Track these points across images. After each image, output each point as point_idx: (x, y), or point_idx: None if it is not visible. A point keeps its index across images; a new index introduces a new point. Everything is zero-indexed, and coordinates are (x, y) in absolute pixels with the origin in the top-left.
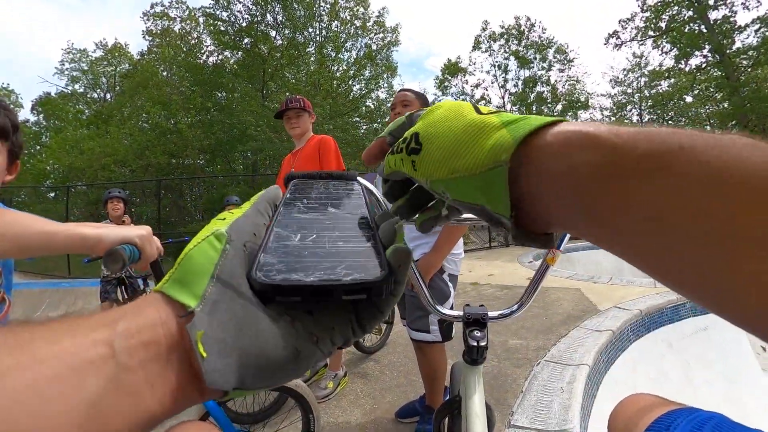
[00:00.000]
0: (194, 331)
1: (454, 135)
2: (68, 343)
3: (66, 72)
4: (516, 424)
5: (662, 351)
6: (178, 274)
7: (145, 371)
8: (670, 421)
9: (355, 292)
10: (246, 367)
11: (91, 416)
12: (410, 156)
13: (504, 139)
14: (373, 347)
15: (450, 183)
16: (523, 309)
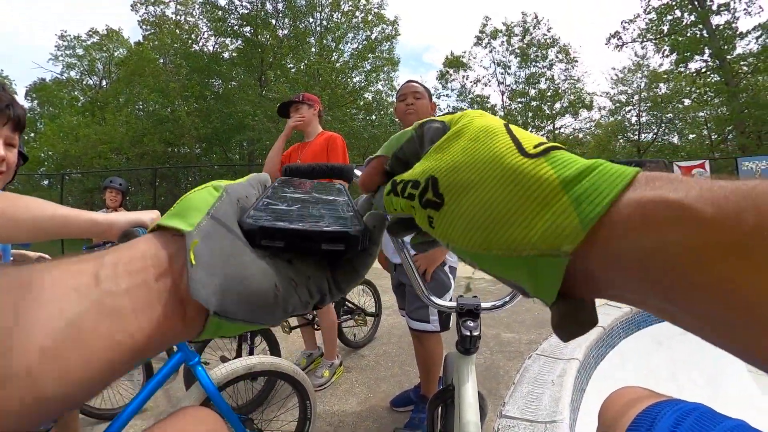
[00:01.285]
0: (190, 239)
1: (491, 194)
2: (55, 272)
3: (61, 58)
4: (507, 415)
5: (651, 349)
6: (175, 210)
7: (130, 297)
8: (656, 411)
9: (333, 241)
10: (229, 292)
11: (72, 336)
12: (426, 209)
13: (567, 220)
14: (362, 341)
15: (481, 258)
16: (515, 300)
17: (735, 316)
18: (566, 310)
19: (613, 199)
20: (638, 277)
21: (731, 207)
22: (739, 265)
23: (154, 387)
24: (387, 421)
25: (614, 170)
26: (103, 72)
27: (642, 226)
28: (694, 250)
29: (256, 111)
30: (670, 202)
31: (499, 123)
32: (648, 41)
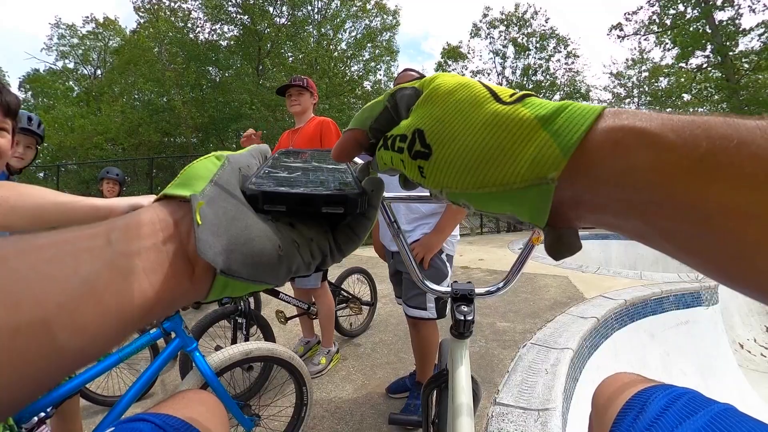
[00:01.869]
0: (195, 201)
1: (476, 138)
2: (67, 235)
3: (54, 48)
4: (501, 402)
5: (644, 341)
6: (179, 180)
7: (141, 258)
8: (648, 395)
9: (333, 204)
10: (234, 252)
11: (86, 292)
12: (415, 161)
13: (549, 151)
14: (357, 330)
15: (474, 197)
16: (508, 287)
17: (695, 229)
18: (557, 236)
19: (586, 129)
20: (616, 198)
21: (688, 134)
22: (695, 182)
23: (153, 373)
24: (383, 407)
25: (584, 107)
26: (98, 61)
27: (614, 152)
28: (658, 170)
29: (253, 100)
30: (637, 130)
31: (472, 80)
32: (650, 34)
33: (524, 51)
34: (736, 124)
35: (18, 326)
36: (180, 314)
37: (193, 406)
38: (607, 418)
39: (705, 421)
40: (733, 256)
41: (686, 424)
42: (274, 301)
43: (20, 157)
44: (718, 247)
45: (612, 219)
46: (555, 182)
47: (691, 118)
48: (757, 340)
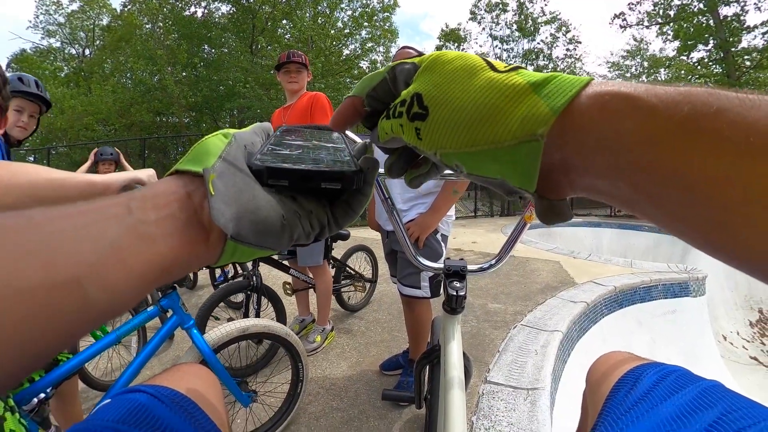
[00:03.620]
0: (208, 174)
1: (471, 99)
2: (92, 205)
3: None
4: (492, 381)
5: (631, 327)
6: (189, 156)
7: (159, 226)
8: (640, 372)
9: (331, 180)
10: (243, 219)
11: (112, 254)
12: (413, 122)
13: (539, 109)
14: (357, 305)
15: (467, 157)
16: (500, 263)
17: (680, 195)
18: (549, 205)
19: (575, 94)
20: (604, 163)
21: (670, 99)
22: (678, 146)
23: (150, 352)
24: (377, 383)
25: (573, 77)
26: (87, 40)
27: (600, 114)
28: (642, 133)
29: (247, 78)
30: (623, 95)
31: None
32: (653, 24)
33: (525, 35)
34: (717, 93)
35: (54, 283)
36: (177, 292)
37: (188, 379)
38: (600, 394)
39: (693, 395)
40: (715, 223)
41: (675, 398)
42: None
43: (23, 127)
44: (701, 213)
45: (601, 185)
46: (544, 139)
47: (674, 87)
48: (740, 333)
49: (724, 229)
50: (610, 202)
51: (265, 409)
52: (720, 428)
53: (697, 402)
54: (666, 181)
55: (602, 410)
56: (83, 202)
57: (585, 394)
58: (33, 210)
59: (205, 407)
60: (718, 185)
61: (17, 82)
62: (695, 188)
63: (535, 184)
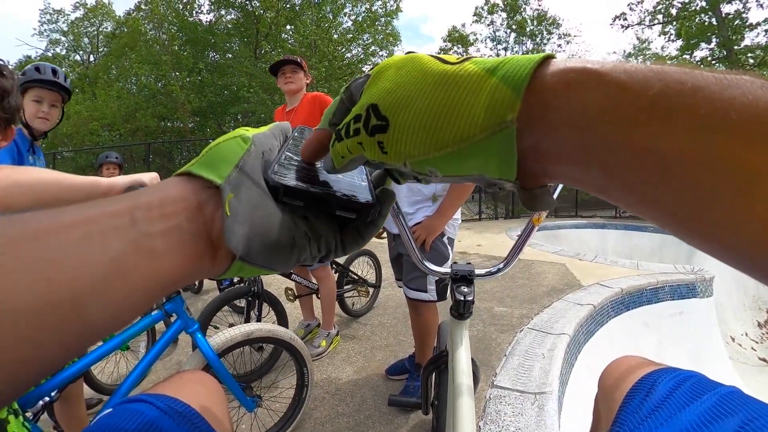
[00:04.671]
0: (225, 192)
1: (429, 97)
2: (93, 213)
3: (45, 34)
4: (499, 385)
5: (638, 329)
6: (205, 159)
7: (164, 239)
8: (655, 377)
9: (347, 209)
10: (253, 240)
11: (114, 271)
12: (373, 137)
13: (501, 93)
14: (361, 310)
15: (439, 160)
16: (508, 267)
17: (653, 177)
18: (531, 195)
19: (533, 69)
20: (574, 145)
21: (641, 76)
22: (649, 124)
23: (154, 356)
24: (382, 388)
25: (529, 56)
26: (91, 47)
27: (566, 92)
28: (610, 111)
29: (251, 82)
30: (589, 71)
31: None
32: (655, 24)
33: (524, 36)
34: (692, 71)
35: (50, 302)
36: (181, 296)
37: (191, 387)
38: (614, 400)
39: (711, 404)
40: (692, 207)
41: (694, 406)
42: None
43: (45, 118)
44: (676, 196)
45: (574, 171)
46: (514, 123)
47: (645, 65)
48: (748, 334)
49: (700, 212)
50: (586, 190)
51: (270, 414)
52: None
53: (717, 410)
54: (637, 162)
55: (617, 417)
56: (86, 205)
57: (597, 399)
58: (31, 216)
59: (208, 417)
60: (692, 165)
61: (33, 71)
62: (668, 169)
63: (515, 173)
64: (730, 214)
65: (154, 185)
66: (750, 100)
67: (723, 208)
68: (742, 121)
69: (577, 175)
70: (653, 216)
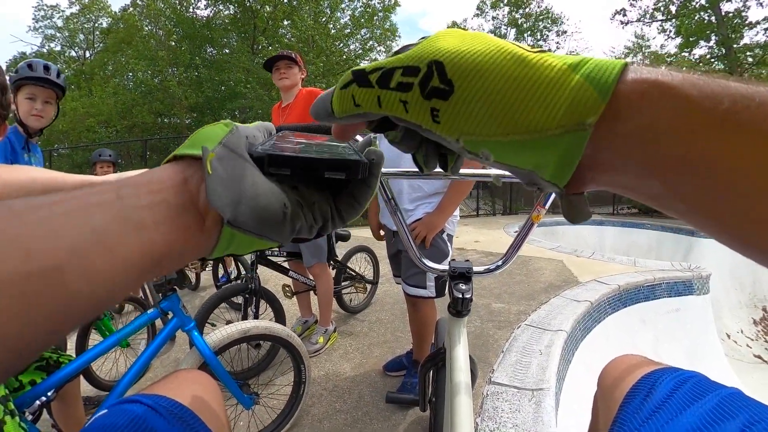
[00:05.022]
0: (207, 152)
1: (508, 77)
2: (79, 192)
3: (40, 30)
4: (496, 381)
5: (635, 326)
6: (188, 142)
7: (151, 211)
8: (656, 377)
9: (335, 169)
10: (241, 204)
11: (96, 242)
12: (429, 100)
13: (587, 94)
14: (358, 307)
15: (499, 145)
16: (507, 264)
17: (715, 190)
18: (569, 203)
19: (618, 74)
20: (636, 156)
21: (709, 91)
22: (718, 140)
23: (150, 354)
24: (380, 385)
25: (608, 60)
26: (86, 43)
27: (640, 103)
28: (682, 126)
29: (248, 78)
30: (661, 83)
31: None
32: (654, 21)
33: (523, 32)
34: (755, 85)
35: (29, 272)
36: (177, 294)
37: (187, 386)
38: (614, 400)
39: (712, 405)
40: (754, 220)
41: (694, 408)
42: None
43: (39, 115)
44: (739, 209)
45: (627, 180)
46: (591, 128)
47: (710, 77)
48: (744, 332)
49: (762, 224)
50: (632, 197)
51: (268, 412)
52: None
53: (718, 412)
54: (702, 176)
55: (617, 417)
56: (71, 190)
57: (596, 397)
58: (15, 200)
59: (204, 416)
60: (758, 180)
61: (26, 68)
62: (734, 184)
63: (569, 177)
64: None
65: (142, 171)
66: None
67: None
68: None
69: (632, 184)
70: (709, 227)
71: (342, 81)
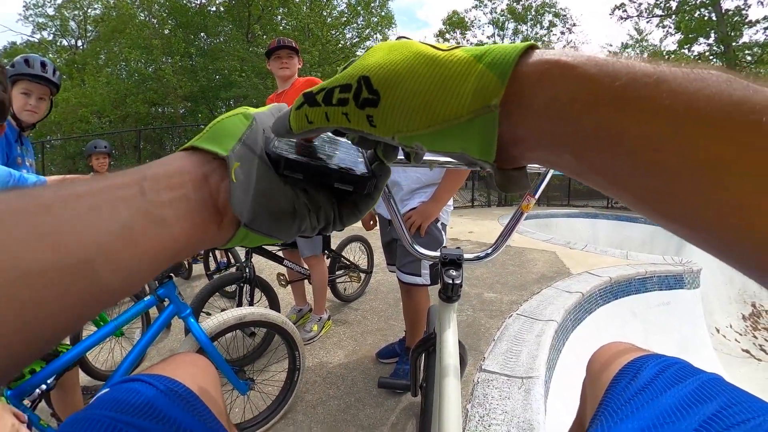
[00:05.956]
0: (231, 162)
1: (422, 78)
2: (102, 184)
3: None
4: (487, 369)
5: (626, 318)
6: (209, 134)
7: (172, 207)
8: (641, 362)
9: (345, 182)
10: (258, 207)
11: (123, 237)
12: (363, 110)
13: (488, 80)
14: (352, 295)
15: (426, 137)
16: (496, 253)
17: (621, 162)
18: (507, 176)
19: (517, 57)
20: (546, 132)
21: (610, 68)
22: (616, 113)
23: (148, 341)
24: (373, 372)
25: (513, 45)
26: (78, 32)
27: (540, 82)
28: (579, 100)
29: (243, 67)
30: (562, 63)
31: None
32: (654, 17)
33: (522, 22)
34: (660, 65)
35: (63, 265)
36: (173, 281)
37: (186, 368)
38: (601, 383)
39: (693, 388)
40: (659, 190)
41: (675, 390)
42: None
43: (33, 111)
44: (644, 180)
45: (548, 155)
46: (497, 108)
47: (616, 58)
48: (732, 326)
49: (667, 195)
50: (564, 173)
51: (263, 398)
52: (719, 421)
53: (697, 394)
54: (607, 149)
55: (603, 400)
56: (94, 179)
57: (584, 383)
58: (43, 190)
59: (203, 396)
60: (658, 152)
61: (23, 64)
62: (636, 156)
63: (494, 154)
64: (694, 197)
65: (160, 159)
66: (713, 92)
67: (686, 191)
68: (705, 111)
69: (552, 159)
70: (626, 199)
71: (296, 103)
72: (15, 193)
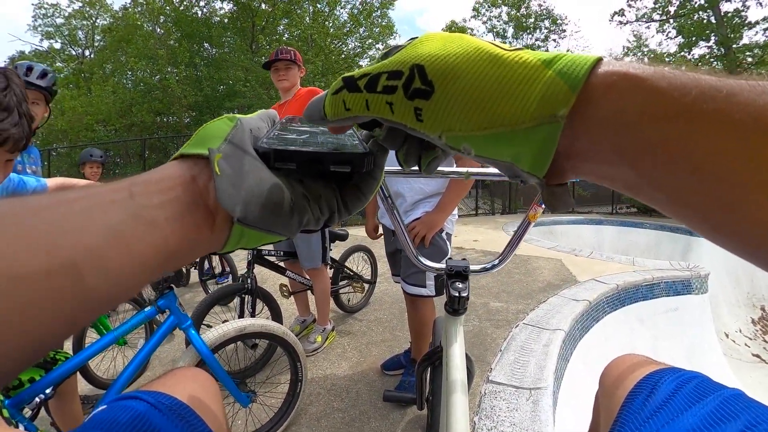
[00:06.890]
0: (213, 153)
1: (484, 76)
2: (93, 190)
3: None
4: (494, 380)
5: (633, 325)
6: (195, 140)
7: (163, 209)
8: (658, 377)
9: (340, 163)
10: (250, 203)
11: (112, 239)
12: (412, 101)
13: (558, 88)
14: (356, 306)
15: (478, 139)
16: (503, 263)
17: (684, 176)
18: (551, 192)
19: (589, 68)
20: (608, 144)
21: (679, 82)
22: (685, 127)
23: (148, 351)
24: (378, 384)
25: (581, 55)
26: (86, 41)
27: (607, 94)
28: (648, 113)
29: (247, 77)
30: (630, 75)
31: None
32: (653, 21)
33: (524, 28)
34: (725, 78)
35: (50, 269)
36: (174, 292)
37: (186, 384)
38: (615, 399)
39: (714, 406)
40: (722, 204)
41: (696, 408)
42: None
43: None
44: (707, 194)
45: (604, 169)
46: (564, 120)
47: (683, 70)
48: (742, 331)
49: (730, 209)
50: (611, 187)
51: (265, 410)
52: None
53: (719, 413)
54: (670, 163)
55: (618, 417)
56: (85, 187)
57: (597, 396)
58: (31, 197)
59: (203, 414)
60: (726, 167)
61: (25, 70)
62: (701, 170)
63: (547, 167)
64: (762, 212)
65: (151, 170)
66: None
67: (754, 204)
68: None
69: (608, 172)
70: (682, 214)
71: (333, 87)
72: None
